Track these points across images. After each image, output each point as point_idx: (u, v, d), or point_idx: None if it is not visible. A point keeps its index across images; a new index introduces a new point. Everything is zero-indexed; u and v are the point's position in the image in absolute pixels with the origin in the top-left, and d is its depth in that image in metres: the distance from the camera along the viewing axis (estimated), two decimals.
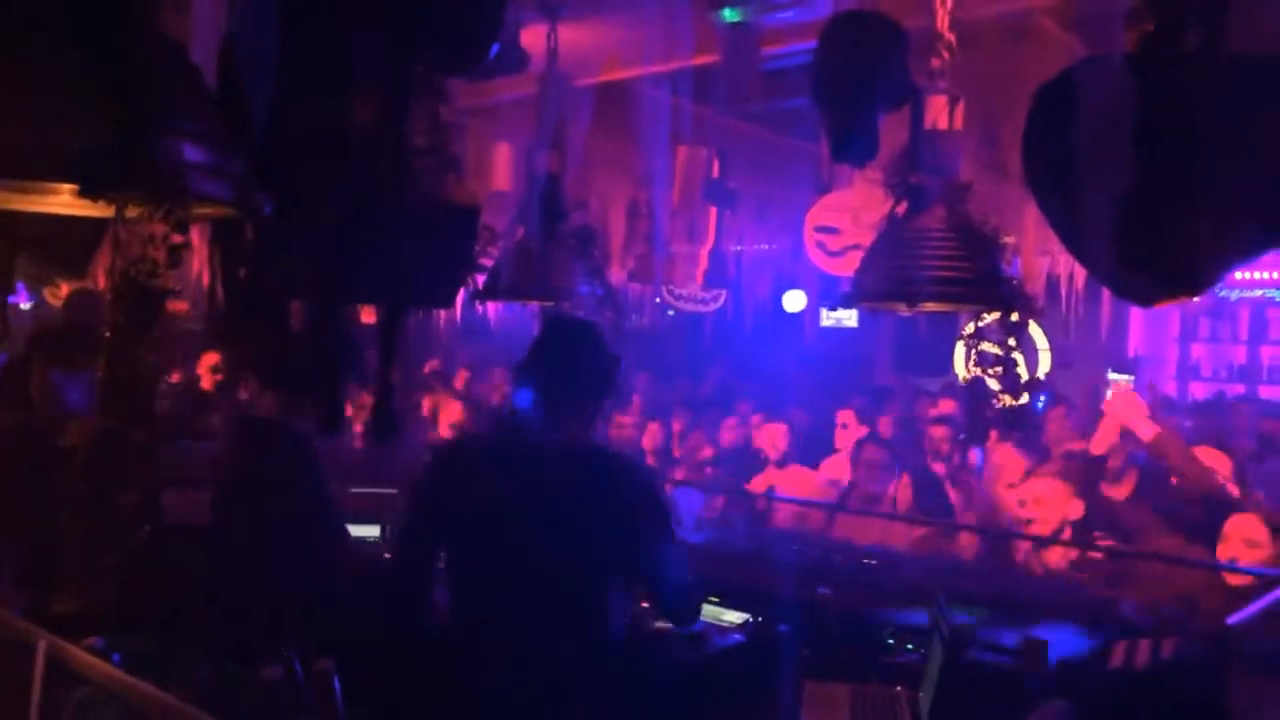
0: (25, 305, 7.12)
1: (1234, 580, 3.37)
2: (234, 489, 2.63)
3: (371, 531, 3.87)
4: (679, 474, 6.05)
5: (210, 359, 5.56)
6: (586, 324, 2.81)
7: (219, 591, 2.32)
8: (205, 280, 2.27)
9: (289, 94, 2.34)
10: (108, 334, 1.37)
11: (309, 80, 2.43)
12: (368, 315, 3.01)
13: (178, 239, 1.42)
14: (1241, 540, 3.44)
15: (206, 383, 5.75)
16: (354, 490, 3.81)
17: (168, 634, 1.96)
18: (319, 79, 2.46)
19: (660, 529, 2.43)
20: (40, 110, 1.27)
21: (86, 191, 1.28)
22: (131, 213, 1.33)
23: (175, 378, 5.88)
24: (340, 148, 2.52)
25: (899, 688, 2.94)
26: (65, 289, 5.49)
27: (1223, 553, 3.48)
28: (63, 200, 1.55)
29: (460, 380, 7.88)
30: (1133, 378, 9.42)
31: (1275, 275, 8.08)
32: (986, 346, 3.65)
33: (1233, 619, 2.38)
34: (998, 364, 3.55)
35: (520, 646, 2.27)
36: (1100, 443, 4.46)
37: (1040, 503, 4.11)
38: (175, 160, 1.37)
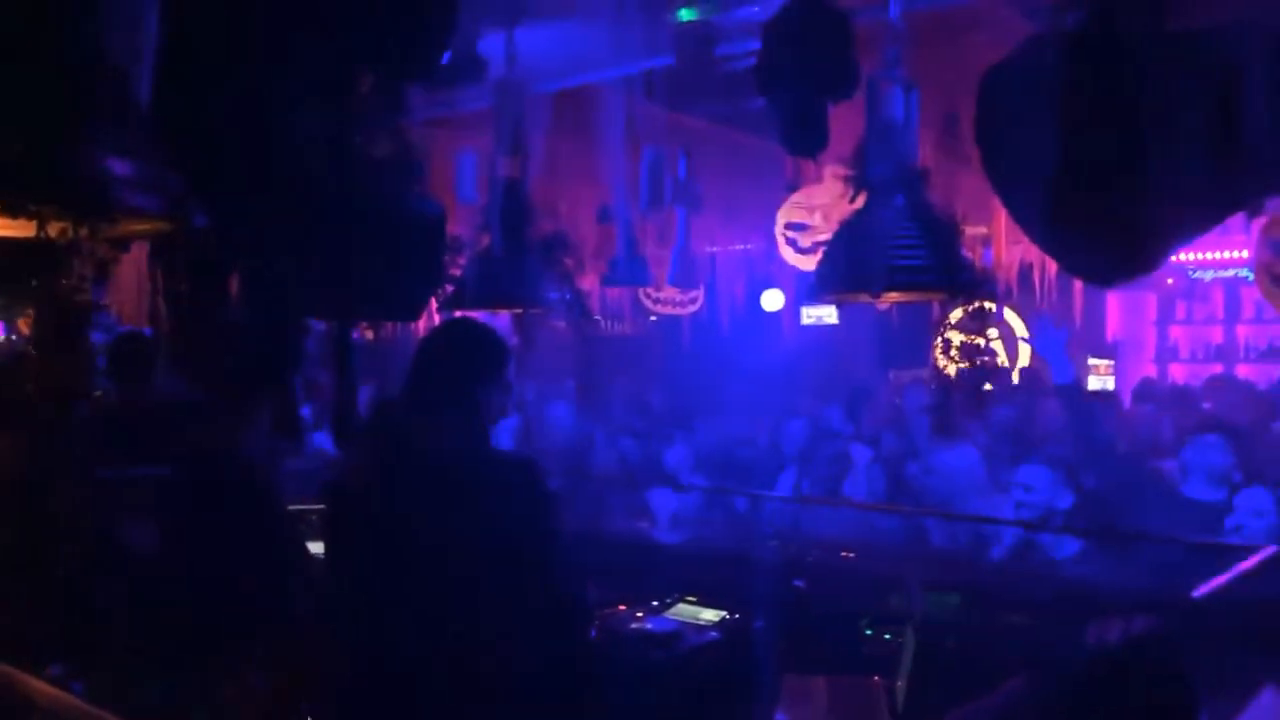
0: None
1: None
2: (180, 511, 2.61)
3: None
4: None
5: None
6: (459, 323, 2.76)
7: (172, 614, 2.29)
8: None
9: (236, 104, 2.33)
10: (33, 350, 1.36)
11: (257, 90, 2.41)
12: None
13: (106, 253, 1.40)
14: None
15: None
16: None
17: (124, 656, 1.94)
18: (268, 88, 2.44)
19: (532, 535, 2.27)
20: None
21: (4, 208, 1.26)
22: (53, 229, 1.31)
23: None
24: (293, 160, 2.50)
25: (876, 677, 2.94)
26: None
27: None
28: None
29: None
30: (1112, 362, 9.48)
31: (1247, 254, 8.10)
32: (955, 335, 3.66)
33: (1198, 592, 2.38)
34: (976, 354, 3.55)
35: (452, 656, 2.19)
36: None
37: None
38: (97, 172, 1.35)
